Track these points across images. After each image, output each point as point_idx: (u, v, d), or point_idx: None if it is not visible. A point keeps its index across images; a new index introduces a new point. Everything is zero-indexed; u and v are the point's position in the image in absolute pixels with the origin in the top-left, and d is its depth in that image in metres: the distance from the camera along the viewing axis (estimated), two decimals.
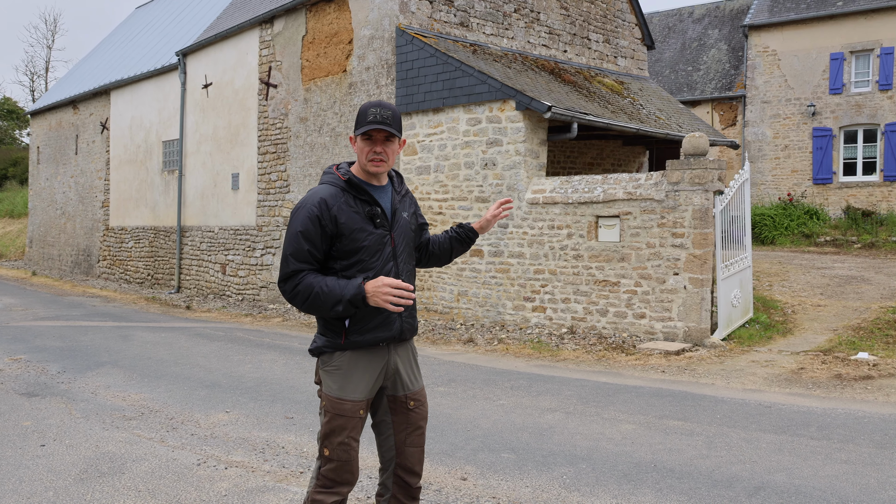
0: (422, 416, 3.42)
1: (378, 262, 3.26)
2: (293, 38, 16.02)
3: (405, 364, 3.41)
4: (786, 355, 9.41)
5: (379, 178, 3.35)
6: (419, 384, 3.46)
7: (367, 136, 3.26)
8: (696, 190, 10.21)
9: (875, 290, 12.73)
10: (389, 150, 3.29)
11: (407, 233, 3.42)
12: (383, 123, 3.22)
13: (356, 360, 3.28)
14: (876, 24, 22.41)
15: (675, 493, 4.82)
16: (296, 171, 15.94)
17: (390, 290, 3.11)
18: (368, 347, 3.28)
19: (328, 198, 3.24)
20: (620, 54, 17.85)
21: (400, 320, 3.31)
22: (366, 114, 3.24)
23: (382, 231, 3.29)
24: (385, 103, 3.29)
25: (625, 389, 7.93)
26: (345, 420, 3.23)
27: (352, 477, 3.29)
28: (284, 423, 6.64)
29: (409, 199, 3.54)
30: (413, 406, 3.39)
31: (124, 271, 22.41)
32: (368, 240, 3.24)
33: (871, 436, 6.09)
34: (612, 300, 10.94)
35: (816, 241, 18.94)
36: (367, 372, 3.29)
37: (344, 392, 3.25)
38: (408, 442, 3.39)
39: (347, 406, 3.24)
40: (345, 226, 3.21)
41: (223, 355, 10.23)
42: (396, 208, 3.38)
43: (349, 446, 3.24)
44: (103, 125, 23.54)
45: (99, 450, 5.81)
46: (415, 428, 3.40)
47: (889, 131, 22.20)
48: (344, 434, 3.23)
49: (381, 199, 3.35)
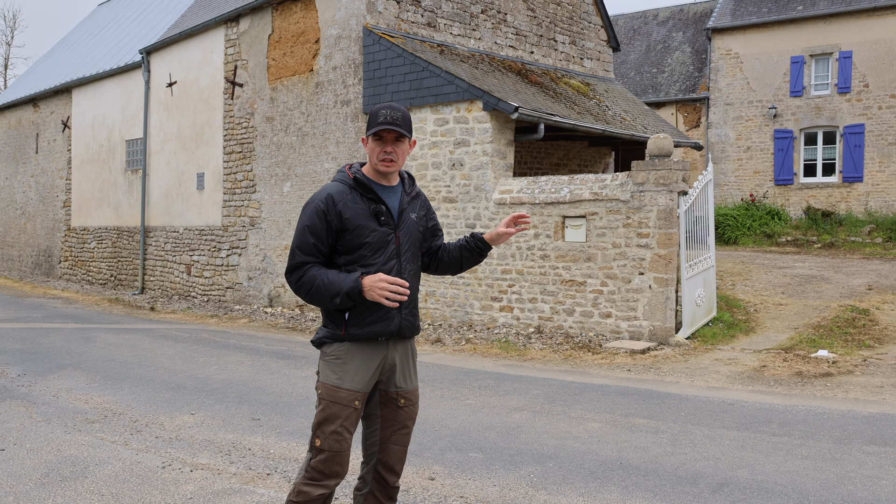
0: (410, 416, 3.48)
1: (380, 260, 3.34)
2: (259, 36, 15.91)
3: (403, 362, 3.48)
4: (748, 353, 9.56)
5: (389, 178, 3.44)
6: (413, 384, 3.51)
7: (377, 136, 3.36)
8: (661, 190, 10.33)
9: (834, 288, 12.98)
10: (399, 150, 3.39)
11: (413, 234, 3.48)
12: (394, 124, 3.32)
13: (355, 351, 3.34)
14: (835, 28, 22.84)
15: (641, 491, 4.88)
16: (262, 171, 15.83)
17: (386, 285, 3.21)
18: (367, 341, 3.35)
19: (335, 194, 3.36)
20: (586, 56, 17.98)
21: (399, 317, 3.36)
22: (377, 115, 3.34)
23: (387, 229, 3.37)
24: (396, 105, 3.38)
25: (591, 388, 8.00)
26: (339, 408, 3.28)
27: (341, 469, 3.31)
28: (251, 425, 6.59)
29: (421, 202, 3.59)
30: (403, 404, 3.45)
31: (86, 272, 22.08)
32: (372, 237, 3.33)
33: (831, 431, 6.21)
34: (578, 300, 11.02)
35: (778, 241, 19.25)
36: (365, 364, 3.35)
37: (341, 381, 3.31)
38: (392, 439, 3.45)
39: (343, 394, 3.29)
40: (349, 221, 3.31)
41: (188, 357, 10.13)
42: (404, 209, 3.45)
43: (341, 436, 3.27)
44: (65, 124, 23.17)
45: (61, 453, 5.73)
46: (401, 426, 3.46)
47: (848, 133, 22.64)
48: (337, 423, 3.27)
49: (388, 198, 3.43)
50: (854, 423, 6.49)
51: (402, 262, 3.41)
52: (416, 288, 3.50)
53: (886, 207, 21.64)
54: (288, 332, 12.76)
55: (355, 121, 13.85)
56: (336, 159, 14.20)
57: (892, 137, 22.09)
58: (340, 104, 14.13)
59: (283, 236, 15.29)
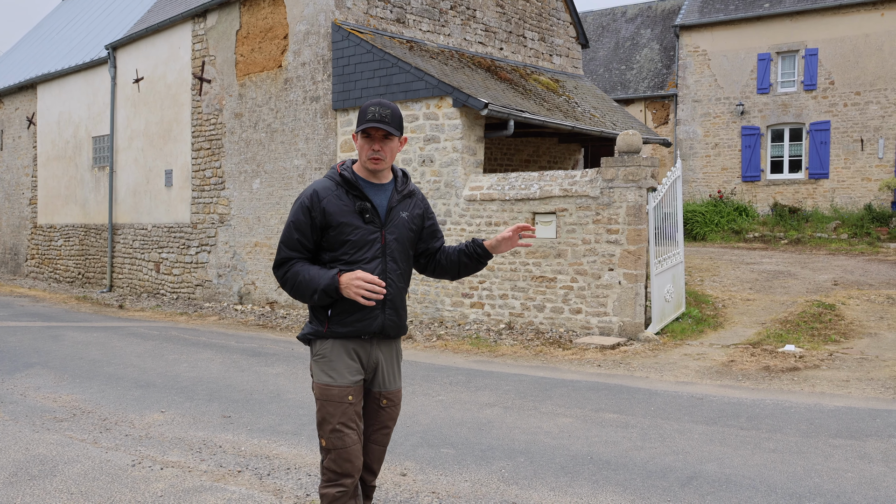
0: (391, 416, 3.51)
1: (364, 258, 3.33)
2: (227, 32, 15.77)
3: (387, 362, 3.48)
4: (717, 348, 9.68)
5: (379, 175, 3.42)
6: (396, 385, 3.52)
7: (366, 133, 3.34)
8: (630, 187, 10.41)
9: (801, 284, 13.17)
10: (388, 148, 3.35)
11: (403, 232, 3.44)
12: (382, 122, 3.28)
13: (339, 347, 3.36)
14: (801, 25, 23.15)
15: (611, 485, 4.93)
16: (231, 168, 15.71)
17: (362, 283, 3.21)
18: (351, 338, 3.37)
19: (320, 190, 3.37)
20: (556, 52, 18.06)
21: (383, 316, 3.36)
22: (366, 112, 3.31)
23: (372, 227, 3.36)
24: (385, 102, 3.34)
25: (562, 384, 8.05)
26: (333, 406, 3.31)
27: (352, 467, 3.32)
28: (222, 422, 6.55)
29: (415, 201, 3.55)
30: (385, 405, 3.47)
31: (54, 270, 21.76)
32: (355, 234, 3.32)
33: (798, 425, 6.31)
34: (548, 296, 11.08)
35: (746, 237, 19.49)
36: (349, 360, 3.37)
37: (330, 378, 3.34)
38: (372, 439, 3.48)
39: (334, 391, 3.32)
40: (332, 217, 3.31)
41: (158, 354, 10.04)
42: (393, 206, 3.42)
43: (342, 433, 3.29)
44: (30, 120, 22.80)
45: (29, 452, 5.65)
46: (382, 426, 3.49)
47: (814, 130, 22.96)
48: (334, 421, 3.30)
49: (376, 195, 3.40)
50: (820, 416, 6.60)
51: (387, 261, 3.38)
52: (403, 288, 3.46)
53: (851, 204, 22.00)
54: (258, 330, 12.68)
55: (325, 117, 13.79)
56: (305, 156, 14.13)
57: (857, 134, 22.45)
58: (310, 100, 14.05)
59: (253, 233, 15.19)
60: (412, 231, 3.49)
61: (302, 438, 6.03)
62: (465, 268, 3.63)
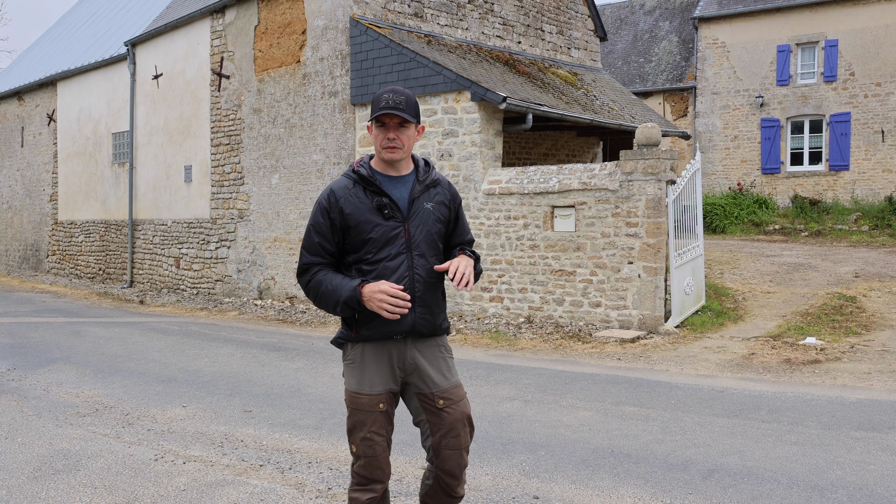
0: (455, 416, 3.23)
1: (387, 255, 3.16)
2: (245, 28, 15.83)
3: (430, 360, 3.26)
4: (737, 341, 9.62)
5: (397, 166, 3.24)
6: (450, 382, 3.27)
7: (380, 122, 3.17)
8: (650, 180, 10.36)
9: (822, 276, 13.06)
10: (404, 136, 3.18)
11: (428, 224, 3.24)
12: (396, 108, 3.11)
13: (369, 352, 3.21)
14: (820, 16, 22.92)
15: (632, 478, 4.92)
16: (250, 163, 15.78)
17: (385, 297, 3.04)
18: (380, 340, 3.20)
19: (337, 189, 3.22)
20: (574, 46, 17.99)
21: (413, 315, 3.16)
22: (379, 100, 3.15)
23: (394, 223, 3.18)
24: (399, 89, 3.18)
25: (582, 377, 8.04)
26: (363, 415, 3.19)
27: (382, 474, 3.22)
28: (243, 417, 6.60)
29: (441, 190, 3.33)
30: (443, 405, 3.22)
31: (74, 266, 21.97)
32: (376, 231, 3.15)
33: (819, 418, 6.27)
34: (568, 289, 11.05)
35: (765, 230, 19.34)
36: (381, 365, 3.21)
37: (360, 386, 3.21)
38: (444, 444, 3.23)
39: (364, 400, 3.19)
40: (351, 217, 3.16)
41: (178, 350, 10.11)
42: (416, 198, 3.23)
43: (373, 441, 3.17)
44: (50, 117, 23.00)
45: (53, 447, 5.72)
46: (448, 429, 3.22)
47: (834, 122, 22.75)
48: (365, 429, 3.18)
49: (395, 189, 3.22)
50: (842, 409, 6.55)
51: (413, 257, 3.19)
52: (434, 284, 3.24)
53: (872, 195, 21.77)
54: (278, 325, 12.75)
55: (343, 112, 13.81)
56: (324, 151, 14.17)
57: (878, 125, 22.22)
58: (328, 95, 14.08)
59: (272, 228, 15.26)
60: (440, 222, 3.27)
61: (323, 432, 6.06)
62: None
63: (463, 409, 3.27)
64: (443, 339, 3.36)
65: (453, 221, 3.38)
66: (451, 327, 3.55)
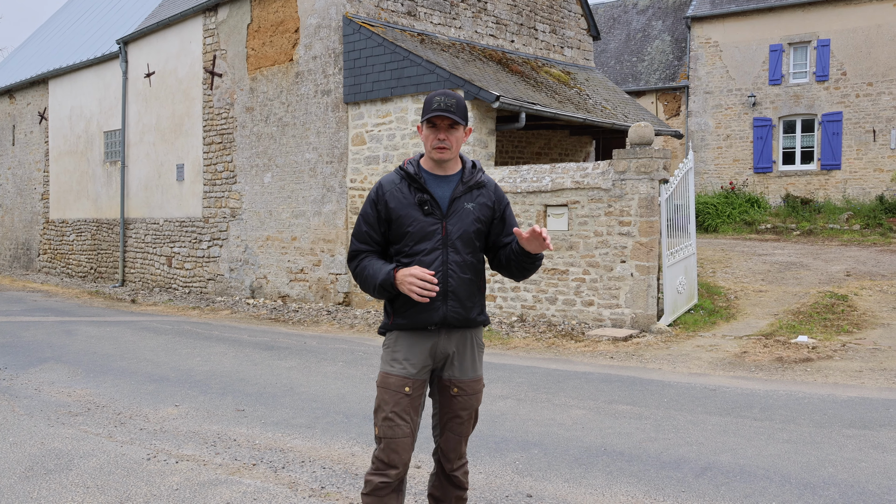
0: (463, 406, 3.44)
1: (423, 249, 3.34)
2: (238, 26, 15.79)
3: (461, 352, 3.44)
4: (729, 340, 9.65)
5: (444, 166, 3.42)
6: (470, 375, 3.46)
7: (431, 123, 3.34)
8: (642, 179, 10.38)
9: (813, 275, 13.11)
10: (453, 137, 3.35)
11: (467, 224, 3.39)
12: (447, 111, 3.29)
13: (404, 339, 3.40)
14: (813, 16, 22.99)
15: (626, 476, 4.92)
16: (242, 162, 15.75)
17: (415, 280, 3.21)
18: (415, 330, 3.38)
19: (386, 183, 3.43)
20: (567, 45, 18.00)
21: (444, 308, 3.33)
22: (431, 102, 3.32)
23: (432, 219, 3.36)
24: (450, 92, 3.35)
25: (574, 376, 8.05)
26: (389, 394, 3.34)
27: (398, 459, 3.32)
28: (236, 416, 6.58)
29: (486, 192, 3.47)
30: (456, 393, 3.42)
31: (66, 265, 21.89)
32: (413, 226, 3.34)
33: (811, 416, 6.29)
34: (560, 288, 11.07)
35: (757, 229, 19.41)
36: (414, 350, 3.38)
37: (390, 367, 3.39)
38: (448, 426, 3.47)
39: (392, 380, 3.36)
40: (393, 210, 3.36)
41: (171, 349, 10.09)
42: (457, 197, 3.39)
43: (393, 422, 3.31)
44: (41, 115, 22.91)
45: (45, 446, 5.69)
46: (454, 415, 3.45)
47: (826, 121, 22.83)
48: (387, 409, 3.33)
49: (438, 187, 3.40)
50: (834, 407, 6.58)
51: (448, 252, 3.35)
52: (468, 280, 3.39)
53: (864, 195, 21.87)
54: (271, 324, 12.73)
55: (336, 110, 13.79)
56: (317, 149, 14.15)
57: (870, 125, 22.31)
58: (321, 94, 14.06)
59: (265, 227, 15.23)
60: (479, 222, 3.43)
61: (316, 431, 6.05)
62: (515, 265, 3.47)
63: (473, 402, 3.48)
64: (477, 331, 3.52)
65: (498, 222, 3.53)
66: (488, 321, 3.60)
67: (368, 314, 12.76)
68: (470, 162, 3.51)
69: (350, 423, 6.27)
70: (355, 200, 13.53)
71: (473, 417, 3.52)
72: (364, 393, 7.37)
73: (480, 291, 3.49)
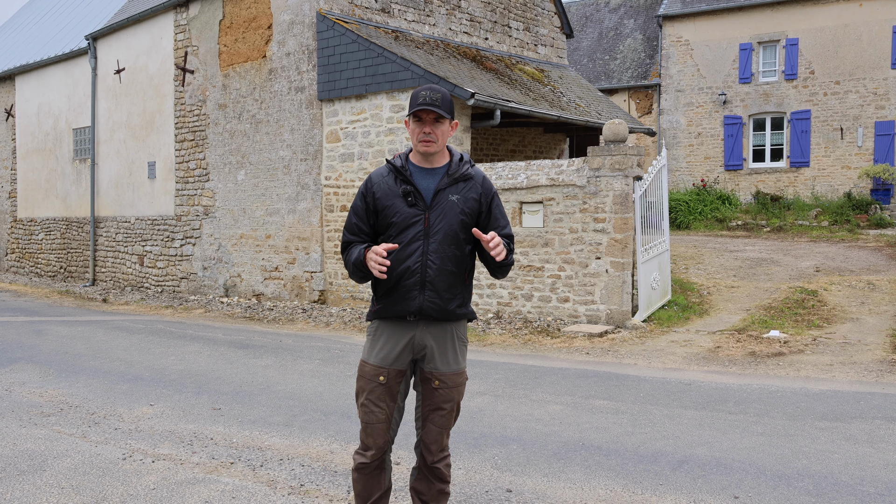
0: (445, 398, 3.51)
1: (405, 239, 3.41)
2: (210, 22, 15.65)
3: (440, 344, 3.50)
4: (703, 335, 9.75)
5: (431, 159, 3.49)
6: (452, 368, 3.52)
7: (417, 117, 3.42)
8: (617, 176, 10.45)
9: (784, 271, 13.28)
10: (439, 131, 3.43)
11: (450, 216, 3.44)
12: (432, 105, 3.37)
13: (384, 328, 3.51)
14: (782, 15, 23.26)
15: (604, 470, 4.96)
16: (215, 159, 15.61)
17: (375, 256, 3.29)
18: (394, 319, 3.48)
19: (375, 176, 3.54)
20: (540, 42, 18.06)
21: (421, 298, 3.41)
22: (417, 96, 3.41)
23: (415, 210, 3.43)
24: (435, 87, 3.43)
25: (551, 371, 8.09)
26: (364, 382, 3.50)
27: (372, 442, 3.49)
28: (212, 415, 6.54)
29: (472, 185, 3.52)
30: (437, 386, 3.49)
31: (35, 264, 21.57)
32: (397, 217, 3.43)
33: (784, 409, 6.38)
34: (536, 285, 11.11)
35: (729, 226, 19.62)
36: (392, 341, 3.48)
37: (367, 356, 3.53)
38: (430, 418, 3.53)
39: (367, 369, 3.50)
40: (380, 201, 3.46)
41: (144, 348, 9.98)
42: (441, 189, 3.45)
43: (368, 409, 3.48)
44: (8, 112, 22.55)
45: (17, 447, 5.61)
46: (436, 407, 3.52)
47: (794, 119, 23.12)
48: (363, 395, 3.49)
49: (423, 179, 3.47)
50: (806, 400, 6.67)
51: (428, 243, 3.41)
52: (448, 271, 3.43)
53: (832, 191, 22.18)
54: (245, 322, 12.64)
55: (310, 108, 13.72)
56: (291, 147, 14.07)
57: (837, 123, 22.62)
58: (295, 91, 13.98)
59: (239, 225, 15.12)
60: (464, 214, 3.47)
61: (293, 429, 6.02)
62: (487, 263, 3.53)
63: (455, 395, 3.54)
64: (458, 325, 3.58)
65: (485, 215, 3.57)
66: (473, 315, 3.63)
67: (344, 312, 12.72)
68: (458, 155, 3.57)
69: (328, 421, 6.25)
70: (330, 198, 13.48)
71: (455, 410, 3.57)
72: (341, 390, 7.35)
73: (463, 284, 3.53)
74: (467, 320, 3.61)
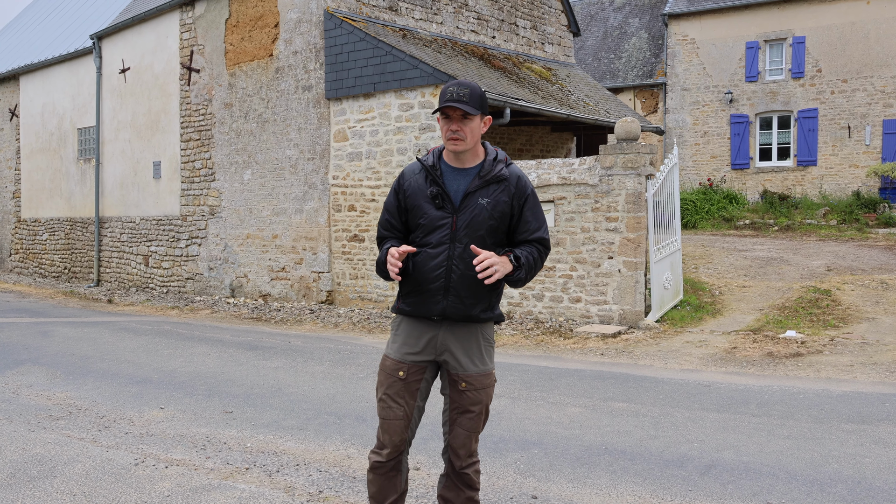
0: (472, 400, 3.39)
1: (430, 241, 3.32)
2: (216, 21, 15.53)
3: (463, 345, 3.39)
4: (717, 335, 9.62)
5: (462, 158, 3.35)
6: (479, 369, 3.40)
7: (444, 114, 3.28)
8: (629, 174, 10.32)
9: (795, 270, 13.15)
10: (467, 128, 3.26)
11: (479, 219, 3.29)
12: (459, 101, 3.21)
13: (406, 325, 3.44)
14: (788, 13, 23.13)
15: (630, 475, 4.83)
16: (221, 159, 15.49)
17: (391, 258, 3.24)
18: (418, 318, 3.40)
19: (407, 173, 3.44)
20: (547, 41, 17.93)
21: (444, 302, 3.31)
22: (444, 93, 3.26)
23: (443, 213, 3.31)
24: (465, 81, 3.27)
25: (566, 373, 7.96)
26: (384, 375, 3.43)
27: (389, 440, 3.39)
28: (224, 418, 6.41)
29: (505, 187, 3.34)
30: (464, 388, 3.38)
31: (39, 265, 21.46)
32: (424, 218, 3.33)
33: (809, 411, 6.25)
34: (547, 285, 10.98)
35: (736, 225, 19.48)
36: (413, 338, 3.41)
37: (389, 349, 3.46)
38: (458, 422, 3.42)
39: (388, 363, 3.43)
40: (409, 200, 3.38)
41: (152, 350, 9.86)
42: (471, 192, 3.30)
43: (387, 404, 3.39)
44: (12, 112, 22.44)
45: (26, 452, 5.49)
46: (464, 410, 3.41)
47: (802, 118, 22.98)
48: (382, 389, 3.42)
49: (453, 180, 3.34)
50: (830, 402, 6.54)
51: (454, 248, 3.28)
52: (475, 277, 3.27)
53: (840, 190, 22.04)
54: (253, 323, 12.52)
55: (317, 106, 13.60)
56: (298, 146, 13.95)
57: (845, 121, 22.48)
58: (302, 90, 13.86)
59: (245, 225, 15.00)
60: (493, 218, 3.31)
61: (308, 433, 5.90)
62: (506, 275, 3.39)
63: (482, 397, 3.42)
64: (484, 327, 3.45)
65: (516, 217, 3.40)
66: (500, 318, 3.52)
67: (352, 313, 12.59)
68: (493, 153, 3.40)
69: (343, 424, 6.13)
70: (338, 198, 13.35)
71: (484, 413, 3.46)
72: (355, 393, 7.23)
73: (489, 289, 3.38)
74: (494, 322, 3.49)
